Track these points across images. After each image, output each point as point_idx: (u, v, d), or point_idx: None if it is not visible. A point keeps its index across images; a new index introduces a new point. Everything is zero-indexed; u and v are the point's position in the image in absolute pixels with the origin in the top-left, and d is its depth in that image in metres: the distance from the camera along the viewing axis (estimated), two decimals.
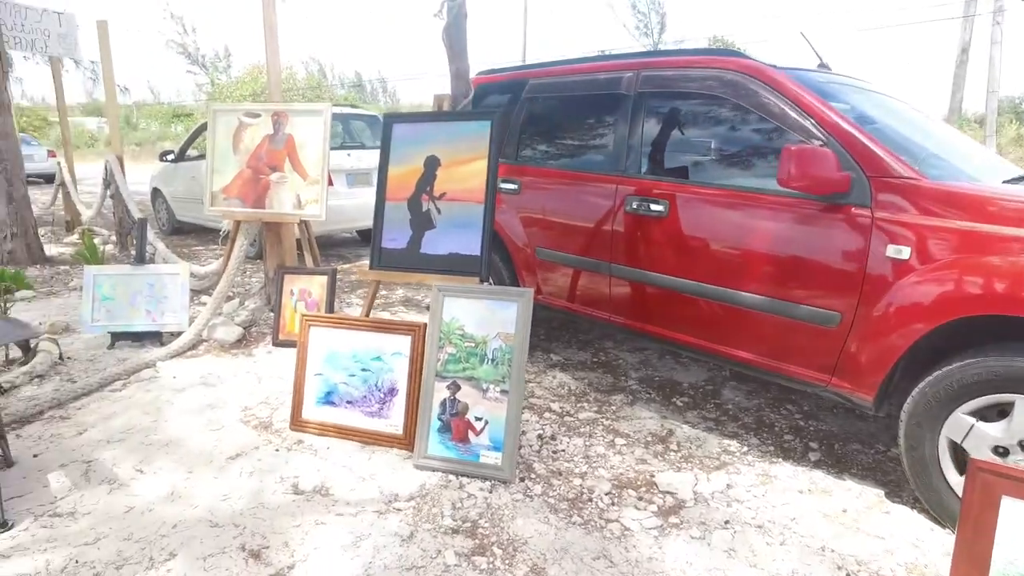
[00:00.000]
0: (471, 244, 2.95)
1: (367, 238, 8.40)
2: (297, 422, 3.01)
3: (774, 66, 2.82)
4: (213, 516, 2.37)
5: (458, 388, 2.71)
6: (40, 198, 11.13)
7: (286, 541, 2.23)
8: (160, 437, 2.97)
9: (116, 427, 3.06)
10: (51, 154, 17.97)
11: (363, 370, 2.95)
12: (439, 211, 3.05)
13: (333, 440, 2.93)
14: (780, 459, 2.88)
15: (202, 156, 8.24)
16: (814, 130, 2.54)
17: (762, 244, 2.69)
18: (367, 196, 7.09)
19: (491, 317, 2.68)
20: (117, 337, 4.09)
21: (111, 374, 3.56)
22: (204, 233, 8.45)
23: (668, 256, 3.05)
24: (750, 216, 2.74)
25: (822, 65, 3.63)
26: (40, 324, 4.57)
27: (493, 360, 2.67)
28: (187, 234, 8.82)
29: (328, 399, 2.98)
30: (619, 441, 3.04)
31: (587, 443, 3.01)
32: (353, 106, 8.40)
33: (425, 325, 2.85)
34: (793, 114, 2.63)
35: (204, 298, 5.20)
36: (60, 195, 9.06)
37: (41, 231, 8.64)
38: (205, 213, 4.39)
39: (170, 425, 3.08)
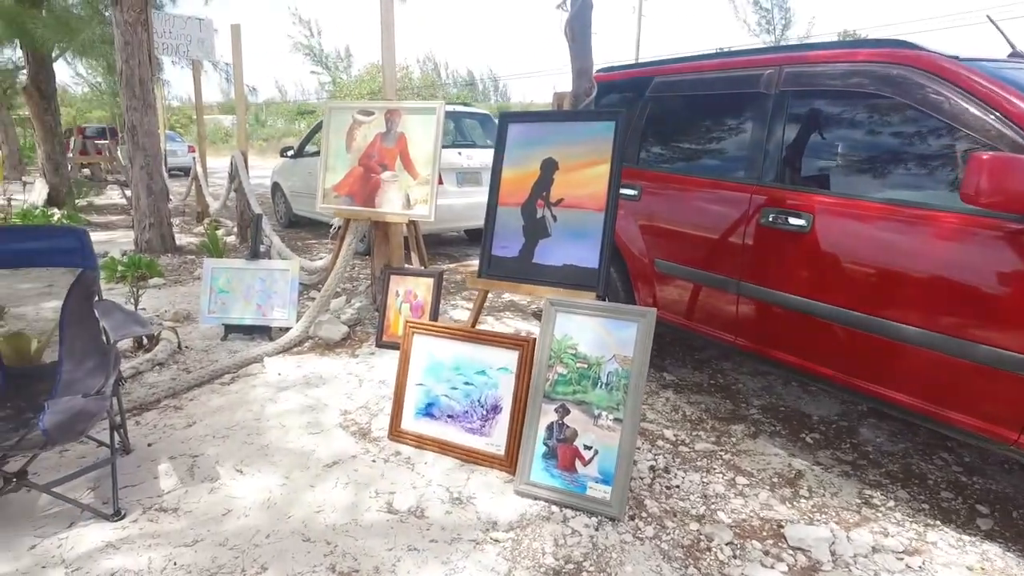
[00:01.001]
0: (588, 256, 2.71)
1: (475, 238, 8.35)
2: (395, 432, 2.90)
3: (956, 58, 2.40)
4: (306, 530, 2.28)
5: (567, 412, 2.49)
6: (178, 189, 11.97)
7: (377, 566, 2.10)
8: (261, 438, 2.94)
9: (221, 423, 3.07)
10: (191, 149, 19.38)
11: (466, 384, 2.79)
12: (555, 218, 2.83)
13: (431, 454, 2.79)
14: (938, 521, 2.45)
15: (319, 152, 8.50)
16: (1014, 136, 2.12)
17: (931, 269, 2.28)
18: (476, 196, 7.03)
19: (607, 337, 2.44)
20: (230, 329, 4.18)
21: (221, 367, 3.61)
22: (318, 227, 8.70)
23: (810, 277, 2.68)
24: (916, 236, 2.34)
25: (1015, 54, 3.10)
26: (165, 312, 4.78)
27: (607, 384, 2.43)
28: (303, 227, 9.12)
29: (428, 411, 2.85)
30: (741, 480, 2.71)
31: (704, 479, 2.71)
32: (466, 104, 8.35)
33: (534, 340, 2.65)
34: (982, 116, 2.21)
35: (313, 293, 5.28)
36: (194, 188, 9.63)
37: (176, 221, 9.22)
38: (317, 209, 4.42)
39: (271, 425, 3.05)
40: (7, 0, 9.37)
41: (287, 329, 4.13)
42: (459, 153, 6.83)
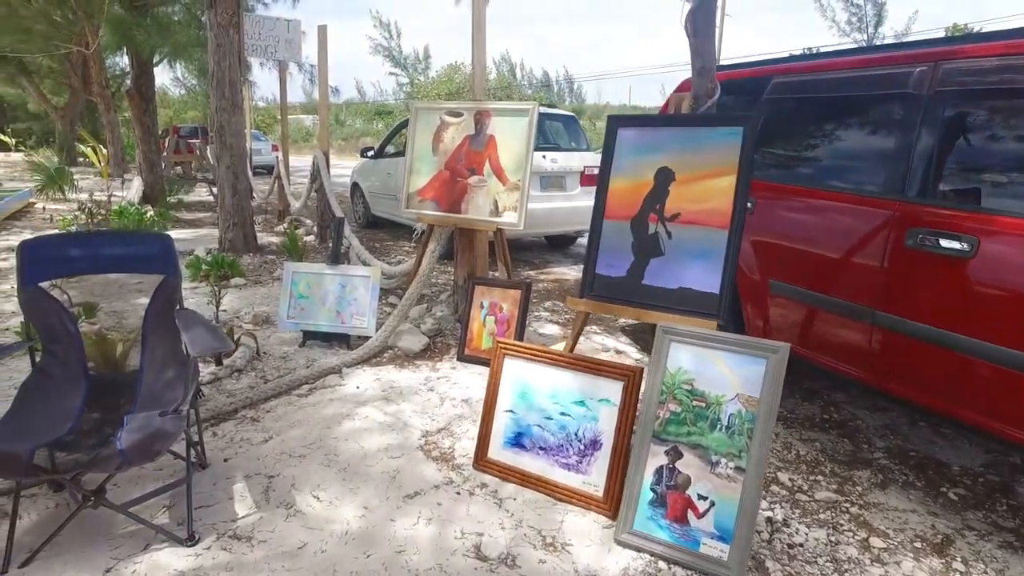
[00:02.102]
0: (708, 279, 2.40)
1: (556, 244, 8.09)
2: (482, 462, 2.67)
3: None
4: (387, 573, 2.07)
5: (679, 456, 2.19)
6: (261, 187, 12.23)
7: None
8: (339, 459, 2.77)
9: (298, 439, 2.92)
10: (274, 148, 19.97)
11: (562, 414, 2.52)
12: (669, 235, 2.53)
13: (520, 488, 2.54)
14: None
15: (399, 153, 8.43)
16: None
17: None
18: (559, 201, 6.78)
19: (730, 374, 2.13)
20: (308, 336, 4.07)
21: (299, 377, 3.48)
22: (397, 228, 8.64)
23: (971, 310, 2.28)
24: None
25: None
26: (245, 314, 4.74)
27: (728, 428, 2.12)
28: (381, 228, 9.09)
29: (518, 441, 2.60)
30: (876, 542, 2.34)
31: (832, 538, 2.35)
32: (550, 105, 8.10)
33: (642, 370, 2.37)
34: None
35: (391, 298, 5.14)
36: (276, 186, 9.78)
37: (258, 219, 9.38)
38: (400, 213, 4.26)
39: (349, 446, 2.88)
40: (116, 9, 9.80)
41: (366, 338, 3.98)
42: (543, 156, 6.58)
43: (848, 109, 2.87)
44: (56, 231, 7.35)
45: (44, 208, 10.35)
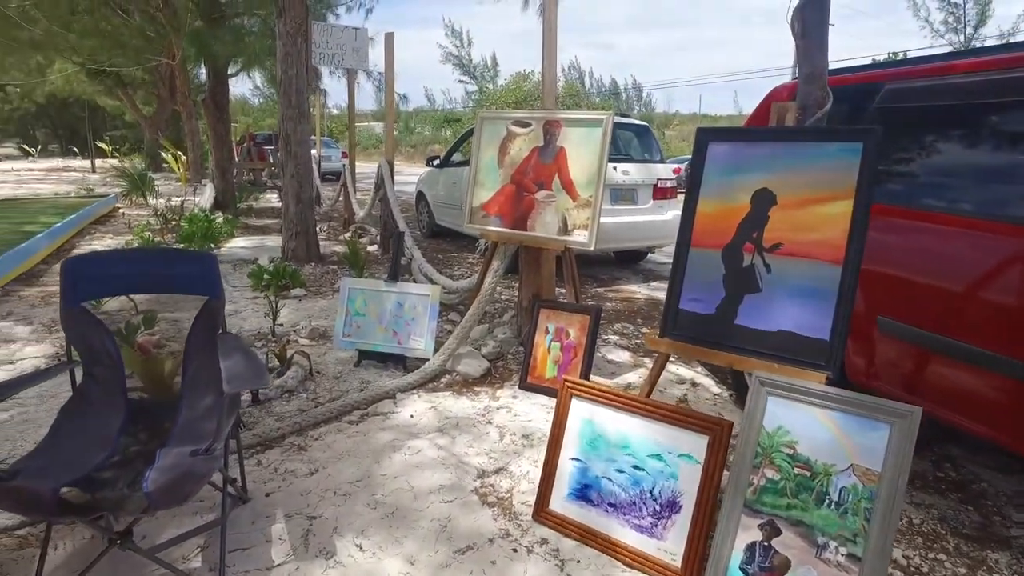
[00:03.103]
0: (815, 322, 2.03)
1: (624, 259, 7.74)
2: (542, 513, 2.38)
3: None
4: None
5: (776, 532, 1.84)
6: (330, 194, 12.35)
7: None
8: (386, 500, 2.53)
9: (345, 474, 2.71)
10: (344, 155, 20.33)
11: (636, 467, 2.21)
12: (768, 268, 2.18)
13: (584, 547, 2.24)
14: None
15: (464, 163, 8.27)
16: None
17: None
18: (630, 215, 6.44)
19: (843, 439, 1.77)
20: (364, 355, 3.88)
21: (351, 402, 3.28)
22: (461, 239, 8.46)
23: None
24: None
25: None
26: (302, 328, 4.61)
27: (839, 505, 1.76)
28: (444, 238, 8.94)
29: (584, 494, 2.30)
30: None
31: None
32: (623, 114, 7.76)
33: (731, 424, 2.03)
34: None
35: (452, 315, 4.93)
36: (343, 194, 9.79)
37: (324, 226, 9.41)
38: (464, 228, 4.03)
39: (399, 485, 2.64)
40: (197, 23, 10.11)
41: (423, 359, 3.76)
42: (614, 168, 6.25)
43: (986, 120, 2.44)
44: (104, 248, 7.52)
45: (124, 214, 10.71)
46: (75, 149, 29.17)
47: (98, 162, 22.35)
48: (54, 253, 7.24)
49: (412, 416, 3.25)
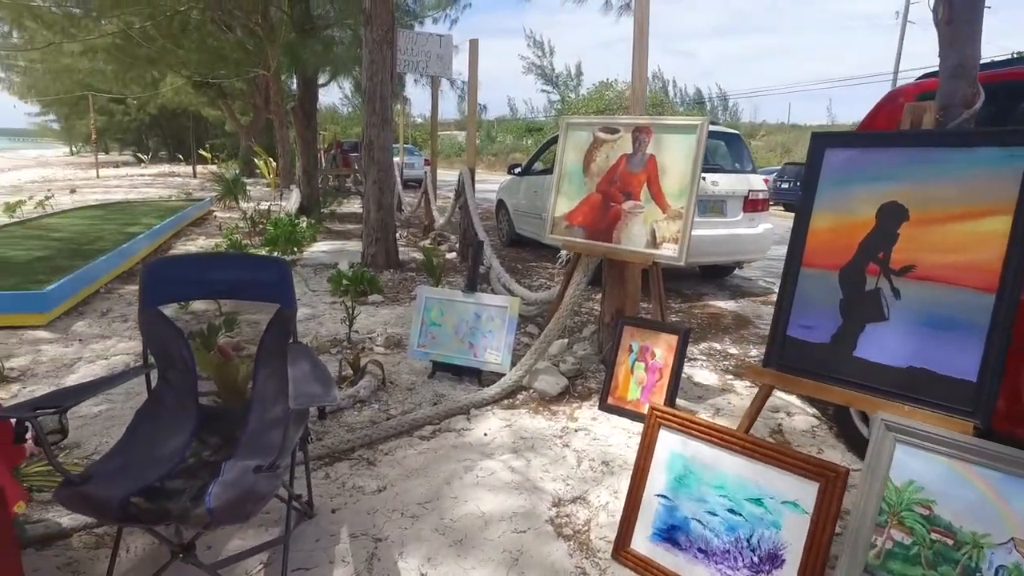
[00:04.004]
0: (957, 359, 1.73)
1: (710, 273, 7.37)
2: (623, 552, 2.16)
3: None
4: None
5: None
6: (411, 200, 12.50)
7: None
8: (456, 525, 2.38)
9: (414, 494, 2.57)
10: (426, 162, 20.66)
11: (731, 512, 1.97)
12: (897, 294, 1.88)
13: None
14: None
15: (546, 171, 8.12)
16: None
17: None
18: (719, 227, 6.09)
19: (999, 504, 1.48)
20: (438, 367, 3.77)
21: (423, 416, 3.16)
22: (540, 248, 8.31)
23: None
24: None
25: None
26: (377, 335, 4.56)
27: None
28: (524, 247, 8.81)
29: (671, 535, 2.07)
30: None
31: None
32: (712, 122, 7.40)
33: (847, 472, 1.76)
34: None
35: (530, 327, 4.76)
36: (424, 201, 9.85)
37: (405, 232, 9.48)
38: (544, 238, 3.86)
39: (469, 509, 2.48)
40: (289, 34, 10.50)
41: (498, 374, 3.61)
42: (703, 178, 5.93)
43: None
44: (185, 252, 7.77)
45: (216, 217, 11.18)
46: (180, 156, 31.06)
47: (199, 168, 23.66)
48: (152, 253, 7.58)
49: (486, 434, 3.10)
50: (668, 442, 2.16)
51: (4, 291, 4.67)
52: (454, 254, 7.63)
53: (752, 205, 6.38)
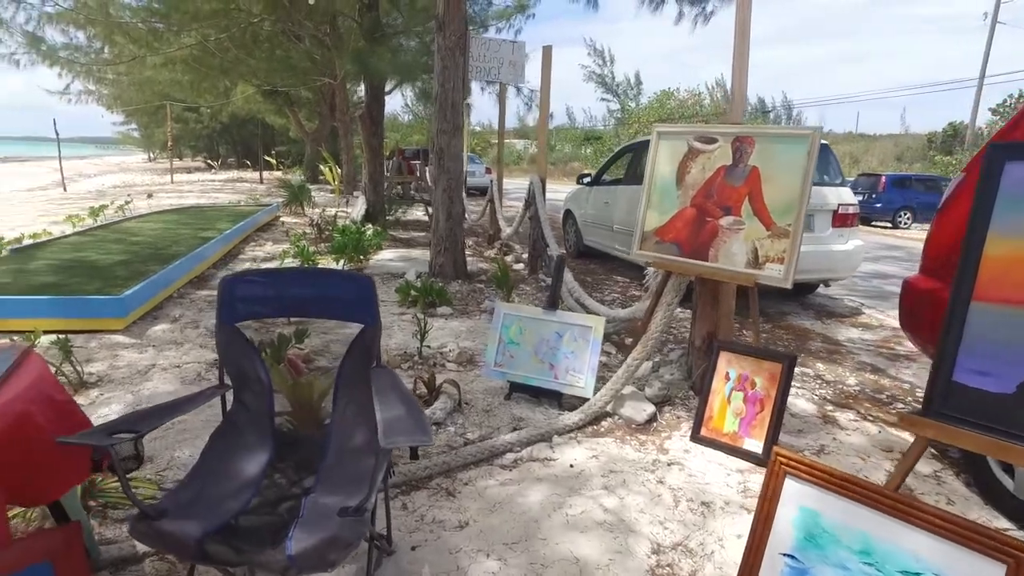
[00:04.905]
0: None
1: (792, 292, 6.94)
2: None
3: None
4: None
5: None
6: (473, 209, 12.41)
7: None
8: (548, 572, 2.16)
9: (498, 532, 2.37)
10: (488, 171, 20.62)
11: None
12: None
13: None
14: None
15: (617, 181, 7.86)
16: None
17: None
18: (806, 244, 5.67)
19: None
20: (515, 388, 3.57)
21: (504, 443, 2.96)
22: (609, 261, 8.05)
23: None
24: None
25: None
26: (449, 350, 4.39)
27: None
28: (592, 259, 8.56)
29: None
30: None
31: None
32: None
33: None
34: None
35: (606, 344, 4.52)
36: (488, 209, 9.71)
37: (468, 242, 9.36)
38: (632, 255, 3.62)
39: (560, 553, 2.26)
40: (359, 43, 10.60)
41: (580, 399, 3.38)
42: None
43: None
44: (259, 267, 7.80)
45: (283, 222, 11.33)
46: (248, 162, 32.08)
47: (265, 174, 24.31)
48: (223, 258, 7.67)
49: (572, 465, 2.88)
50: (796, 494, 1.89)
51: (86, 296, 4.73)
52: (521, 265, 7.44)
53: (842, 220, 5.97)
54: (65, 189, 18.13)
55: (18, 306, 4.50)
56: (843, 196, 6.04)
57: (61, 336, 3.93)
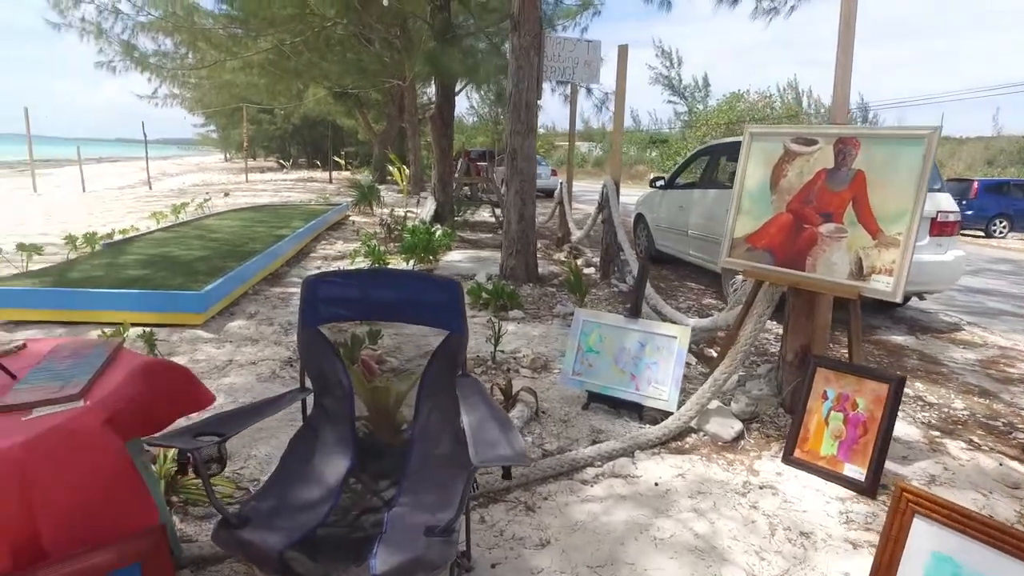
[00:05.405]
0: None
1: (881, 304, 6.54)
2: None
3: None
4: None
5: None
6: (539, 211, 12.30)
7: None
8: None
9: (583, 554, 2.24)
10: (553, 173, 20.50)
11: None
12: None
13: None
14: None
15: (691, 185, 7.61)
16: None
17: None
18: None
19: None
20: (593, 398, 3.43)
21: (583, 457, 2.83)
22: (682, 267, 7.79)
23: None
24: None
25: None
26: (523, 356, 4.29)
27: None
28: (663, 264, 8.32)
29: None
30: None
31: None
32: None
33: None
34: None
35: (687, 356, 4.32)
36: (557, 212, 9.59)
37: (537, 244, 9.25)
38: (719, 263, 3.43)
39: None
40: (430, 44, 10.69)
41: (663, 412, 3.22)
42: None
43: None
44: (343, 268, 7.87)
45: (353, 221, 11.51)
46: (317, 163, 32.94)
47: (334, 174, 24.88)
48: (295, 255, 7.81)
49: (657, 483, 2.72)
50: (927, 537, 1.69)
51: (169, 290, 4.86)
52: (592, 269, 7.28)
53: (940, 228, 5.56)
54: (150, 187, 19.01)
55: (110, 299, 4.66)
56: (942, 203, 5.63)
57: (146, 329, 4.04)
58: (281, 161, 35.03)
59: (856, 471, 2.70)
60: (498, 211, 11.68)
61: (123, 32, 11.78)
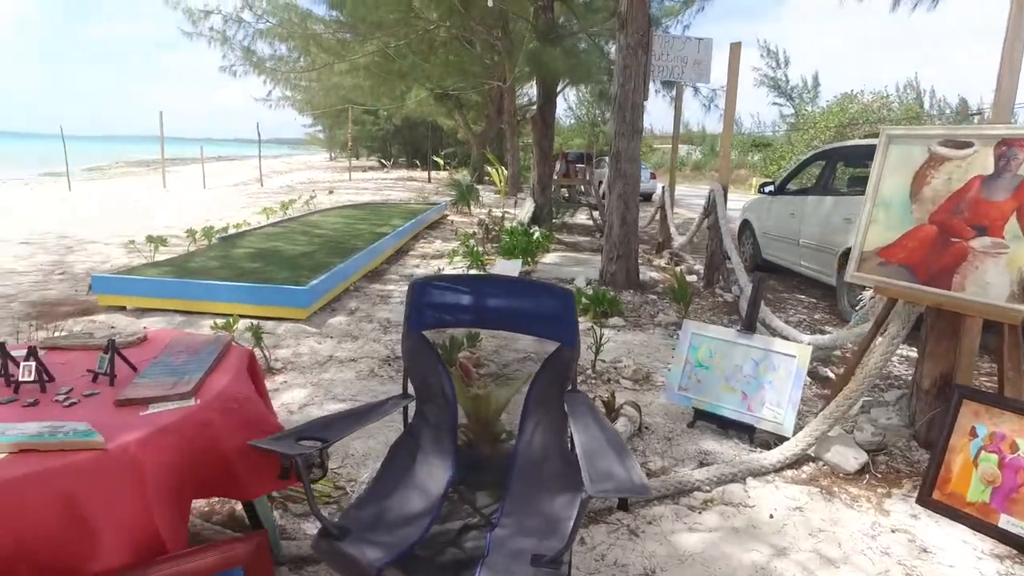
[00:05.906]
0: None
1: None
2: None
3: None
4: None
5: None
6: (642, 215, 12.01)
7: None
8: None
9: None
10: (652, 176, 20.02)
11: None
12: None
13: None
14: None
15: (803, 191, 7.15)
16: None
17: None
18: None
19: None
20: (700, 415, 3.23)
21: (691, 481, 2.64)
22: (791, 277, 7.34)
23: None
24: None
25: None
26: (624, 366, 4.11)
27: None
28: (771, 274, 7.88)
29: None
30: None
31: None
32: None
33: None
34: None
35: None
36: (658, 216, 9.30)
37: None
38: (847, 277, 3.14)
39: None
40: (530, 45, 10.66)
41: (776, 436, 2.97)
42: None
43: None
44: (447, 272, 7.91)
45: (451, 221, 11.64)
46: (417, 162, 33.79)
47: (433, 174, 25.42)
48: (395, 254, 7.96)
49: (772, 516, 2.49)
50: None
51: (276, 284, 5.02)
52: (695, 277, 6.98)
53: None
54: (262, 184, 20.07)
55: (223, 291, 4.88)
56: None
57: (254, 323, 4.17)
58: (382, 160, 36.17)
59: (1017, 526, 2.35)
60: (596, 214, 11.47)
61: (244, 39, 12.63)
